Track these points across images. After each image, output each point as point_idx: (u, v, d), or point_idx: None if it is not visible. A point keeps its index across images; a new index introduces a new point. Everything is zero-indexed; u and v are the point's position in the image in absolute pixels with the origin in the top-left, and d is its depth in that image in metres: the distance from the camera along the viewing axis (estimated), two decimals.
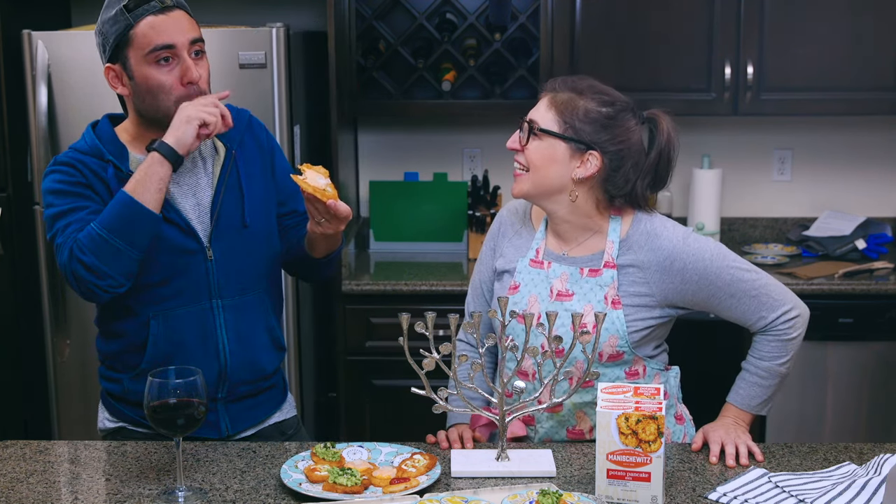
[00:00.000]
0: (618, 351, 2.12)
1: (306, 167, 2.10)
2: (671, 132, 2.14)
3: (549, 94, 2.14)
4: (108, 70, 2.14)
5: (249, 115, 2.32)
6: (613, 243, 2.13)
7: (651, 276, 2.11)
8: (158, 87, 2.10)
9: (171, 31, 2.09)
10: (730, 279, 2.11)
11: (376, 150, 4.11)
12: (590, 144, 2.09)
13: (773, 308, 2.13)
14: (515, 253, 2.24)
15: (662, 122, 2.14)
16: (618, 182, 2.10)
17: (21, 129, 3.48)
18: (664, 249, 2.11)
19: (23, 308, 3.58)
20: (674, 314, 2.16)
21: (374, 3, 3.78)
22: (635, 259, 2.12)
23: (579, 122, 2.09)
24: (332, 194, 2.08)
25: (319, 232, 2.16)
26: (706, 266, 2.10)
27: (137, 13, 2.07)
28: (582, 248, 2.17)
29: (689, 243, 2.11)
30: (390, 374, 3.52)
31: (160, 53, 2.08)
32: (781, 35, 3.62)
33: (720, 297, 2.12)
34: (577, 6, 3.64)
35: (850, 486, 1.86)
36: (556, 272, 2.16)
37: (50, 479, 2.01)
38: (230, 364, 2.21)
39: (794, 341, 2.15)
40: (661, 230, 2.13)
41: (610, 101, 2.11)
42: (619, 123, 2.10)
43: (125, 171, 2.12)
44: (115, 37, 2.09)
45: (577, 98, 2.11)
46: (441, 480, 1.97)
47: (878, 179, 4.03)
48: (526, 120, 2.13)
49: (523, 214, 2.28)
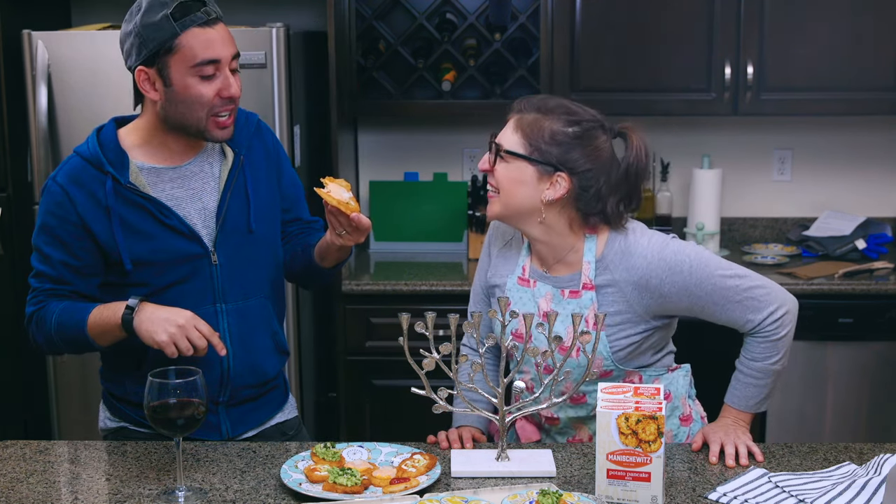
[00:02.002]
0: (605, 370, 2.11)
1: (329, 180, 2.11)
2: (642, 147, 2.09)
3: (516, 116, 2.09)
4: (140, 73, 2.10)
5: (258, 120, 2.31)
6: (590, 264, 2.09)
7: (629, 294, 2.08)
8: (197, 99, 2.09)
9: (217, 45, 2.08)
10: (711, 288, 2.06)
11: (376, 150, 4.11)
12: (556, 166, 2.04)
13: (758, 310, 2.09)
14: (505, 267, 2.22)
15: (633, 136, 2.09)
16: (590, 200, 2.06)
17: (21, 129, 3.48)
18: (638, 268, 2.06)
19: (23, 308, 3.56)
20: (659, 324, 2.13)
21: (374, 3, 3.78)
22: (612, 279, 2.08)
23: (545, 145, 2.05)
24: (354, 207, 2.09)
25: (339, 243, 2.17)
26: (684, 279, 2.05)
27: (184, 23, 2.05)
28: (560, 267, 2.14)
29: (665, 257, 2.06)
30: (390, 374, 3.52)
31: (205, 69, 2.07)
32: (781, 35, 3.62)
33: (703, 305, 2.08)
34: (577, 6, 3.64)
35: (850, 486, 1.86)
36: (541, 291, 2.15)
37: (50, 479, 2.01)
38: (233, 368, 2.21)
39: (783, 339, 2.11)
40: (635, 247, 2.08)
41: (576, 121, 2.06)
42: (587, 143, 2.05)
43: (124, 182, 2.11)
44: (157, 43, 2.05)
45: (542, 119, 2.06)
46: (441, 480, 1.97)
47: (878, 179, 4.03)
48: (493, 141, 2.10)
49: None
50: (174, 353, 2.00)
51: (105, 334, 2.10)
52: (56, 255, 2.14)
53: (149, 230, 2.12)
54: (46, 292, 2.17)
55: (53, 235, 2.14)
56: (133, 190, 2.12)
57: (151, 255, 2.11)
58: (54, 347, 2.19)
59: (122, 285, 2.14)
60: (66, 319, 2.12)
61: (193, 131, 2.13)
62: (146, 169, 2.15)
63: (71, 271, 2.15)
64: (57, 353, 2.23)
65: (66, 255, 2.14)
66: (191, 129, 2.12)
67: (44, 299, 2.17)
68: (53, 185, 2.15)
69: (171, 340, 2.01)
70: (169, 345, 2.00)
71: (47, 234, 2.15)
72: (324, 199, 2.08)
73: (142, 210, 2.12)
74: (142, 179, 2.14)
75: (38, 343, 2.20)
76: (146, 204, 2.12)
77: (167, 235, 2.13)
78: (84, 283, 2.16)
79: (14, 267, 3.55)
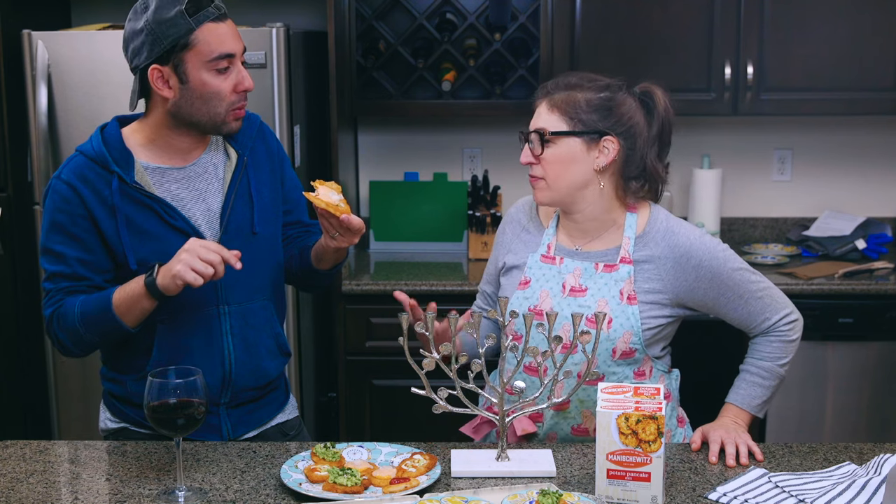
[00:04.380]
0: (631, 348, 2.13)
1: (319, 183, 2.12)
2: (666, 100, 2.17)
3: (545, 99, 2.15)
4: (154, 71, 2.09)
5: (260, 121, 2.31)
6: (630, 239, 2.15)
7: (666, 271, 2.13)
8: (215, 94, 2.09)
9: (230, 40, 2.10)
10: (739, 279, 2.15)
11: (376, 150, 4.11)
12: (602, 131, 2.11)
13: (776, 310, 2.18)
14: (525, 249, 2.25)
15: (656, 92, 2.17)
16: (635, 160, 2.13)
17: (21, 129, 3.48)
18: (681, 245, 2.13)
19: (23, 308, 3.58)
20: (682, 314, 2.18)
21: (374, 3, 3.78)
22: (651, 254, 2.14)
23: (584, 114, 2.11)
24: (344, 209, 2.10)
25: (334, 245, 2.17)
26: (720, 265, 2.13)
27: (199, 18, 2.06)
28: (597, 242, 2.19)
29: (705, 241, 2.15)
30: (390, 374, 3.53)
31: (221, 63, 2.09)
32: (781, 35, 3.62)
33: (729, 297, 2.15)
34: (577, 6, 3.64)
35: (850, 486, 1.86)
36: (568, 267, 2.17)
37: (50, 479, 2.01)
38: (234, 370, 2.21)
39: (794, 343, 2.20)
40: (678, 227, 2.16)
41: (605, 86, 2.14)
42: (619, 104, 2.13)
43: (129, 182, 2.11)
44: (172, 39, 2.05)
45: (573, 93, 2.13)
46: (441, 480, 1.97)
47: (878, 179, 4.03)
48: (531, 131, 2.14)
49: (529, 211, 2.29)
50: (196, 278, 1.99)
51: (132, 308, 2.07)
52: (71, 252, 2.12)
53: (154, 230, 2.12)
54: (63, 291, 2.14)
55: (66, 233, 2.12)
56: (139, 189, 2.12)
57: (156, 256, 2.09)
58: (80, 341, 2.14)
59: None
60: (90, 308, 2.10)
61: (209, 126, 2.13)
62: (151, 169, 2.15)
63: (86, 267, 2.13)
64: (81, 348, 2.16)
65: (81, 250, 2.12)
66: (206, 125, 2.13)
67: (61, 297, 2.14)
68: (59, 184, 2.13)
69: (187, 268, 1.99)
70: (187, 272, 1.99)
71: (59, 233, 2.13)
72: (313, 203, 2.08)
73: (147, 210, 2.12)
74: (147, 179, 2.13)
75: (63, 341, 2.16)
76: (152, 204, 2.12)
77: (172, 236, 2.12)
78: (100, 278, 2.15)
79: (14, 267, 3.55)
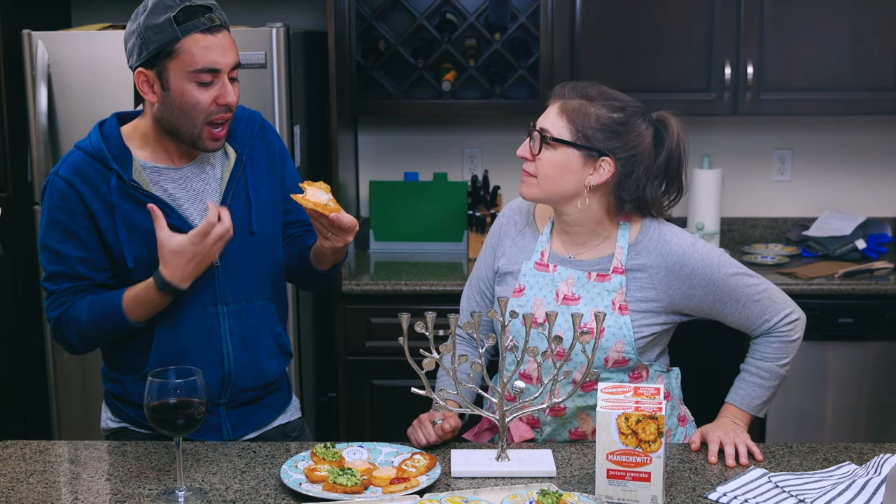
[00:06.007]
0: (623, 357, 2.11)
1: (307, 184, 2.11)
2: (681, 133, 2.13)
3: (560, 101, 2.12)
4: (139, 74, 2.09)
5: (262, 119, 2.30)
6: (623, 249, 2.13)
7: (659, 280, 2.11)
8: (193, 105, 2.07)
9: (217, 54, 2.06)
10: (735, 284, 2.12)
11: (376, 150, 4.11)
12: (602, 151, 2.08)
13: (776, 311, 2.16)
14: (519, 254, 2.23)
15: (672, 123, 2.14)
16: (629, 187, 2.10)
17: (21, 129, 3.48)
18: (674, 254, 2.11)
19: (23, 308, 3.58)
20: (677, 321, 2.17)
21: (374, 3, 3.78)
22: (644, 263, 2.12)
23: (591, 130, 2.08)
24: (334, 208, 2.08)
25: (328, 245, 2.17)
26: (714, 272, 2.10)
27: (187, 27, 2.04)
28: (590, 251, 2.17)
29: (698, 249, 2.12)
30: (390, 374, 3.52)
31: (203, 76, 2.06)
32: (781, 35, 3.62)
33: (725, 302, 2.13)
34: (577, 6, 3.64)
35: (850, 486, 1.86)
36: (562, 275, 2.16)
37: (50, 479, 2.01)
38: (234, 370, 2.20)
39: (794, 343, 2.18)
40: (670, 236, 2.14)
41: (621, 107, 2.10)
42: (630, 129, 2.09)
43: (128, 180, 2.11)
44: (157, 45, 2.04)
45: (587, 105, 2.09)
46: (441, 480, 1.97)
47: (878, 179, 4.03)
48: (536, 128, 2.12)
49: (527, 214, 2.27)
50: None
51: (143, 305, 2.09)
52: (70, 250, 2.12)
53: (151, 229, 2.10)
54: (66, 292, 2.14)
55: (64, 230, 2.12)
56: (136, 188, 2.11)
57: (153, 255, 2.09)
58: (89, 343, 2.17)
59: (122, 286, 2.13)
60: (99, 310, 2.11)
61: (186, 138, 2.11)
62: (149, 167, 2.14)
63: (85, 265, 2.13)
64: (90, 347, 2.19)
65: (80, 248, 2.12)
66: (184, 136, 2.11)
67: (67, 300, 2.14)
68: (57, 180, 2.12)
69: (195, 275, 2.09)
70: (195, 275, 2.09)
71: (57, 231, 2.12)
72: (302, 205, 2.08)
73: (145, 209, 2.11)
74: (144, 178, 2.13)
75: (72, 343, 2.17)
76: (149, 203, 2.12)
77: None
78: (100, 276, 2.15)
79: (14, 267, 3.55)
